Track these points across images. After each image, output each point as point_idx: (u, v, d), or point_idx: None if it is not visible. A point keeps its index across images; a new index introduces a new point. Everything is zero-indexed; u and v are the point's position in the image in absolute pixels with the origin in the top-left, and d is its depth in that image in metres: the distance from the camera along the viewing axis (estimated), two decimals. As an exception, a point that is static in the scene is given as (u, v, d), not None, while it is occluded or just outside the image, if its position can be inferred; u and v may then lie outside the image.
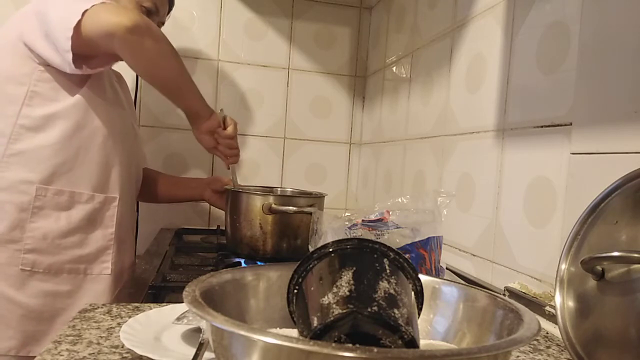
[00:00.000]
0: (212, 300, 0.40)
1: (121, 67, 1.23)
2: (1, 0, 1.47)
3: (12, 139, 0.97)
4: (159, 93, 1.07)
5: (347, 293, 0.38)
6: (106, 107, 1.06)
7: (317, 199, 1.10)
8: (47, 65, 0.98)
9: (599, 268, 0.49)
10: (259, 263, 1.00)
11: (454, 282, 0.51)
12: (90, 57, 0.98)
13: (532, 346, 0.63)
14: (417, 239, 0.73)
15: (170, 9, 1.25)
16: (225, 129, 1.14)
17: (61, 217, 1.00)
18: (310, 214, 0.89)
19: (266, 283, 0.49)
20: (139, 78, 1.51)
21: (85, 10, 0.91)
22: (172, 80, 1.05)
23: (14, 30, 0.99)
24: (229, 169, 1.21)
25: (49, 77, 0.98)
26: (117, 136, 1.08)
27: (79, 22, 0.91)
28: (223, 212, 1.15)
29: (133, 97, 1.50)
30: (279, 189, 1.28)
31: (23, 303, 0.97)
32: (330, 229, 0.77)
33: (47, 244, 0.98)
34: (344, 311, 0.36)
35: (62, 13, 0.93)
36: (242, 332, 0.31)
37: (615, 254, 0.46)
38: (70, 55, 0.93)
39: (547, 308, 0.70)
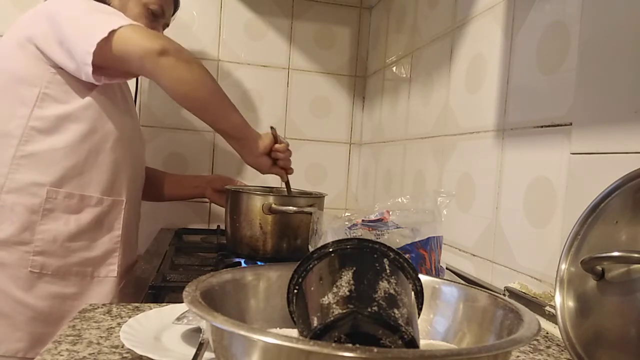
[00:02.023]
0: (212, 300, 0.40)
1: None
2: (1, 0, 1.47)
3: (23, 141, 0.97)
4: (159, 93, 1.07)
5: (347, 293, 0.38)
6: (117, 110, 1.07)
7: (317, 199, 1.10)
8: (58, 67, 0.98)
9: (599, 268, 0.49)
10: (259, 263, 1.00)
11: (454, 282, 0.51)
12: (110, 69, 0.98)
13: (532, 346, 0.63)
14: (417, 239, 0.73)
15: (175, 10, 1.25)
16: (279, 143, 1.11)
17: (71, 220, 1.00)
18: (310, 214, 0.89)
19: (266, 283, 0.49)
20: (139, 78, 1.51)
21: (113, 30, 0.92)
22: (208, 101, 1.02)
23: (23, 31, 0.99)
24: (286, 180, 1.16)
25: (61, 79, 0.98)
26: (127, 139, 1.08)
27: (105, 39, 0.91)
28: (223, 212, 1.14)
29: (133, 98, 1.50)
30: (279, 189, 1.28)
31: (31, 305, 0.97)
32: (330, 229, 0.77)
33: (57, 247, 0.99)
34: (344, 311, 0.36)
35: (84, 28, 0.94)
36: (242, 332, 0.31)
37: (615, 254, 0.46)
38: (89, 69, 0.93)
39: (547, 308, 0.70)
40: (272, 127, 1.11)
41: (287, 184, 1.17)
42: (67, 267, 1.00)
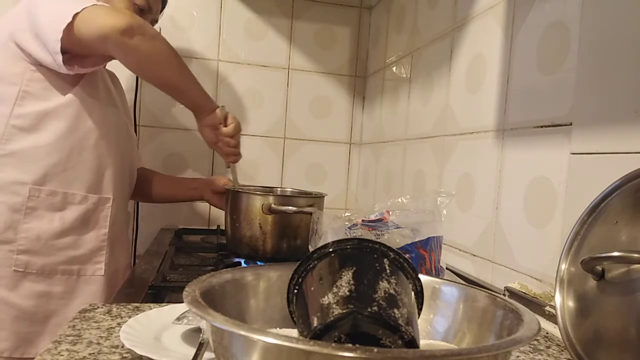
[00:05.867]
0: (212, 300, 0.40)
1: (116, 67, 1.23)
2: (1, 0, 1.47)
3: (4, 140, 0.96)
4: (159, 93, 1.06)
5: (347, 293, 0.38)
6: (99, 107, 1.06)
7: (317, 199, 1.10)
8: (38, 64, 0.97)
9: (599, 268, 0.49)
10: (258, 263, 1.00)
11: (454, 282, 0.51)
12: (82, 56, 0.97)
13: (532, 346, 0.63)
14: (417, 239, 0.73)
15: (163, 7, 1.24)
16: (226, 126, 1.12)
17: (55, 218, 0.99)
18: (310, 214, 0.89)
19: (266, 283, 0.49)
20: (139, 78, 1.51)
21: (77, 13, 0.90)
22: (169, 78, 1.03)
23: (5, 29, 0.98)
24: (228, 167, 1.19)
25: (41, 76, 0.98)
26: (111, 136, 1.07)
27: (70, 24, 0.90)
28: (223, 212, 1.14)
29: (133, 97, 1.50)
30: (278, 189, 1.28)
31: (16, 304, 0.96)
32: (330, 229, 0.77)
33: (41, 245, 0.98)
34: (344, 311, 0.36)
35: (53, 15, 0.93)
36: (242, 332, 0.31)
37: (615, 254, 0.46)
38: (60, 57, 0.92)
39: (547, 308, 0.70)
40: (222, 106, 1.12)
41: (233, 173, 1.17)
42: (52, 265, 0.99)
